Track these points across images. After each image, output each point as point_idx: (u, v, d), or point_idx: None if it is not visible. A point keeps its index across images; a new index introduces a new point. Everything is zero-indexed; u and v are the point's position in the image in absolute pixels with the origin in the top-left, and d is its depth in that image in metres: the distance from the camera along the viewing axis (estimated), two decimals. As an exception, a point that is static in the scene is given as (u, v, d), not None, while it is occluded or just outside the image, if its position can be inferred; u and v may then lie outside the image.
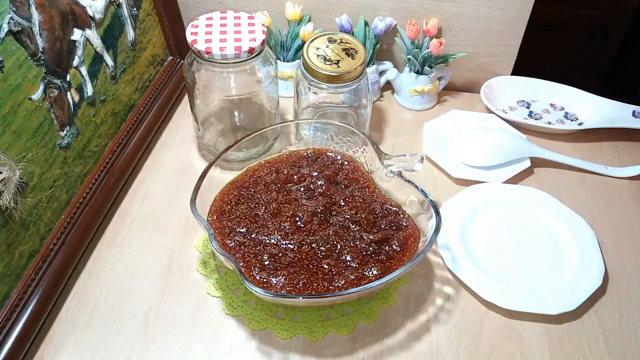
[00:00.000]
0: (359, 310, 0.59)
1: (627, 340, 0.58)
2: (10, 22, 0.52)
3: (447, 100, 0.88)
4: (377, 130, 0.82)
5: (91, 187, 0.66)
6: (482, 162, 0.74)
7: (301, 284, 0.54)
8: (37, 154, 0.57)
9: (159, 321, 0.59)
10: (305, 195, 0.62)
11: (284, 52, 0.84)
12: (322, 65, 0.66)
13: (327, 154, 0.67)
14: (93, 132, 0.67)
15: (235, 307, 0.59)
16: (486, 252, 0.65)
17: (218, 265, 0.63)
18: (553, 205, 0.69)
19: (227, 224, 0.59)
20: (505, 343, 0.57)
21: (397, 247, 0.57)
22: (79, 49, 0.63)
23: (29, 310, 0.55)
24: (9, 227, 0.54)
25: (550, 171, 0.76)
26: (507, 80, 0.86)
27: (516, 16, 0.80)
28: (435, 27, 0.81)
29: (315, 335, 0.57)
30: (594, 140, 0.81)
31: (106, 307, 0.60)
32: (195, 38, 0.65)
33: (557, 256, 0.65)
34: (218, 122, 0.77)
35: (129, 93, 0.75)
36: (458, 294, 0.62)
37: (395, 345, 0.57)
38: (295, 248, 0.57)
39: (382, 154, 0.63)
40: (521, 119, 0.81)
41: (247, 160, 0.70)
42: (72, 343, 0.57)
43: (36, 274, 0.57)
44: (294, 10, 0.82)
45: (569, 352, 0.57)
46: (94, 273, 0.63)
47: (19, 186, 0.53)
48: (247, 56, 0.65)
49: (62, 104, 0.61)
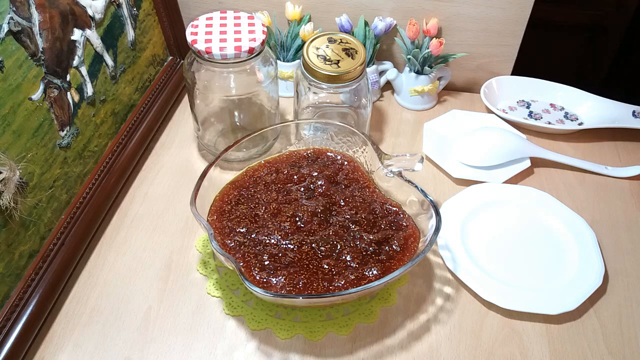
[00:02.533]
0: (359, 310, 0.59)
1: (627, 340, 0.58)
2: (10, 22, 0.52)
3: (447, 100, 0.88)
4: (377, 130, 0.82)
5: (91, 187, 0.66)
6: (482, 162, 0.74)
7: (301, 284, 0.54)
8: (37, 154, 0.57)
9: (159, 321, 0.59)
10: (305, 195, 0.62)
11: (284, 52, 0.84)
12: (322, 65, 0.66)
13: (327, 154, 0.67)
14: (93, 132, 0.67)
15: (235, 307, 0.59)
16: (486, 252, 0.65)
17: (218, 265, 0.63)
18: (553, 205, 0.69)
19: (227, 224, 0.59)
20: (505, 343, 0.57)
21: (397, 247, 0.57)
22: (79, 49, 0.63)
23: (29, 310, 0.55)
24: (9, 227, 0.54)
25: (550, 171, 0.76)
26: (507, 80, 0.86)
27: (516, 16, 0.80)
28: (435, 27, 0.81)
29: (315, 335, 0.57)
30: (594, 140, 0.81)
31: (106, 307, 0.60)
32: (195, 38, 0.65)
33: (557, 256, 0.65)
34: (218, 122, 0.77)
35: (129, 93, 0.75)
36: (458, 294, 0.62)
37: (395, 345, 0.57)
38: (295, 248, 0.57)
39: (382, 154, 0.63)
40: (521, 119, 0.81)
41: (247, 160, 0.70)
42: (72, 343, 0.57)
43: (36, 274, 0.57)
44: (294, 10, 0.82)
45: (569, 352, 0.57)
46: (94, 273, 0.63)
47: (19, 186, 0.53)
48: (247, 56, 0.65)
49: (62, 104, 0.61)
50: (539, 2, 0.79)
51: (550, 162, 0.76)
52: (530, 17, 0.80)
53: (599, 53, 1.12)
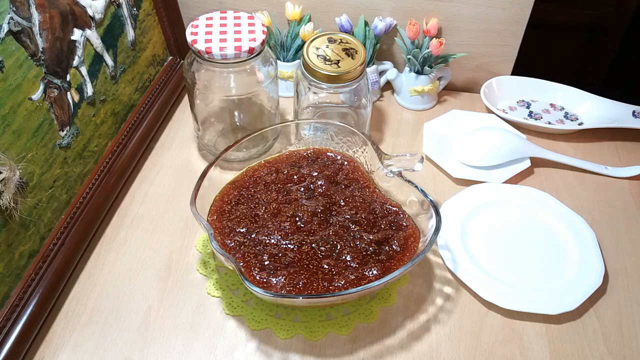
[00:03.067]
0: (359, 310, 0.59)
1: (627, 340, 0.58)
2: (10, 22, 0.52)
3: (447, 100, 0.88)
4: (377, 130, 0.82)
5: (91, 187, 0.66)
6: (482, 162, 0.74)
7: (301, 284, 0.54)
8: (37, 154, 0.57)
9: (159, 321, 0.59)
10: (305, 195, 0.62)
11: (284, 52, 0.84)
12: (322, 65, 0.66)
13: (327, 154, 0.67)
14: (93, 132, 0.67)
15: (235, 307, 0.59)
16: (486, 252, 0.65)
17: (218, 265, 0.63)
18: (553, 205, 0.69)
19: (227, 224, 0.59)
20: (505, 343, 0.57)
21: (397, 247, 0.57)
22: (79, 49, 0.63)
23: (29, 310, 0.55)
24: (9, 227, 0.54)
25: (550, 171, 0.76)
26: (507, 80, 0.86)
27: (516, 16, 0.80)
28: (435, 27, 0.81)
29: (315, 335, 0.57)
30: (594, 140, 0.81)
31: (106, 307, 0.60)
32: (195, 38, 0.65)
33: (557, 256, 0.65)
34: (218, 122, 0.77)
35: (129, 93, 0.75)
36: (458, 294, 0.62)
37: (395, 345, 0.57)
38: (295, 248, 0.57)
39: (382, 154, 0.63)
40: (521, 119, 0.81)
41: (247, 160, 0.70)
42: (72, 343, 0.57)
43: (36, 274, 0.57)
44: (294, 10, 0.82)
45: (569, 352, 0.57)
46: (94, 273, 0.63)
47: (19, 186, 0.53)
48: (247, 56, 0.65)
49: (62, 104, 0.61)
50: (539, 2, 0.79)
51: (550, 162, 0.76)
52: (530, 17, 0.80)
53: (599, 53, 1.12)
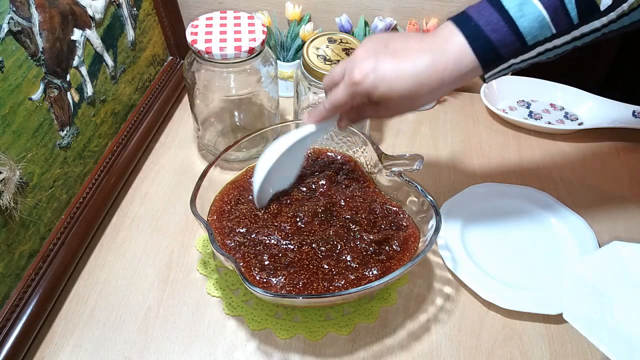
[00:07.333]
0: (359, 310, 0.59)
1: (627, 340, 0.58)
2: (10, 22, 0.52)
3: (447, 100, 0.88)
4: (377, 130, 0.82)
5: (91, 187, 0.66)
6: None
7: (301, 284, 0.54)
8: (37, 154, 0.57)
9: (159, 321, 0.59)
10: (306, 195, 0.62)
11: (284, 52, 0.84)
12: (322, 65, 0.66)
13: (327, 154, 0.67)
14: (93, 132, 0.67)
15: (235, 307, 0.59)
16: (486, 252, 0.65)
17: (218, 265, 0.63)
18: (553, 205, 0.69)
19: (227, 224, 0.59)
20: (505, 343, 0.57)
21: (397, 247, 0.57)
22: (79, 49, 0.63)
23: (29, 310, 0.55)
24: (9, 227, 0.54)
25: (551, 171, 0.76)
26: (507, 80, 0.86)
27: (516, 16, 0.80)
28: (435, 27, 0.80)
29: (315, 335, 0.57)
30: (594, 140, 0.81)
31: (106, 307, 0.60)
32: (195, 38, 0.65)
33: (557, 256, 0.65)
34: (218, 122, 0.77)
35: (129, 93, 0.75)
36: (458, 294, 0.61)
37: (395, 345, 0.57)
38: (295, 248, 0.57)
39: (382, 154, 0.63)
40: (521, 119, 0.81)
41: (247, 160, 0.70)
42: (72, 343, 0.57)
43: (36, 274, 0.57)
44: (294, 10, 0.82)
45: (569, 352, 0.57)
46: (94, 273, 0.63)
47: (19, 186, 0.53)
48: (247, 56, 0.65)
49: (62, 104, 0.61)
50: (539, 2, 0.79)
51: (550, 161, 0.76)
52: (530, 17, 0.80)
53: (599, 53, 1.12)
